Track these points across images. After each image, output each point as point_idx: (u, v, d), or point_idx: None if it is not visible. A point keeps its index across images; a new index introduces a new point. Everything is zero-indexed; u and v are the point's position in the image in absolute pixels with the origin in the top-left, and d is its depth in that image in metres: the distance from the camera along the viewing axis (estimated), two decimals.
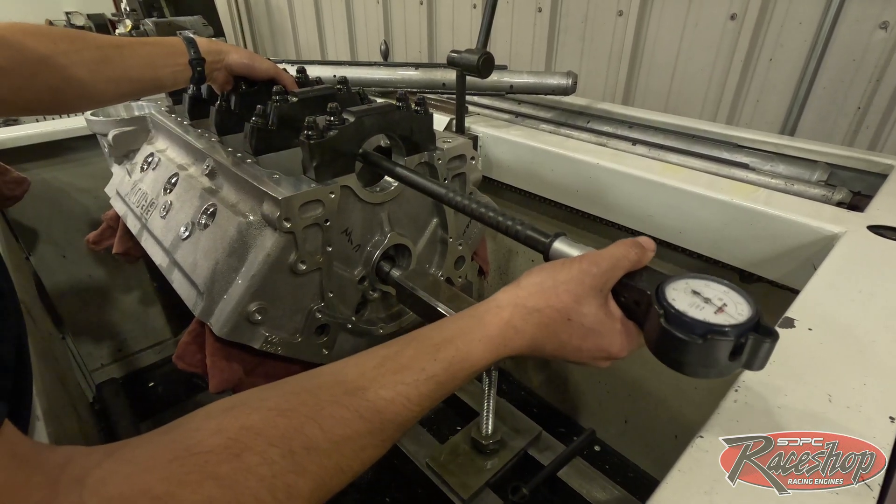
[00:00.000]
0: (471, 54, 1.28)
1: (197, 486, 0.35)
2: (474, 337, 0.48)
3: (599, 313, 0.50)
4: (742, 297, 0.46)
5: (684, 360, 0.45)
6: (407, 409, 0.44)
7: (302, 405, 0.41)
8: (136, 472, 0.34)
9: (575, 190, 1.29)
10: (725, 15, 1.72)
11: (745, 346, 0.43)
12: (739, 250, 1.03)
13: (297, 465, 0.38)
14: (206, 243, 0.83)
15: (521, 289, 0.52)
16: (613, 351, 0.52)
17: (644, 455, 1.58)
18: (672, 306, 0.45)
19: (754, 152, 1.35)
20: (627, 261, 0.51)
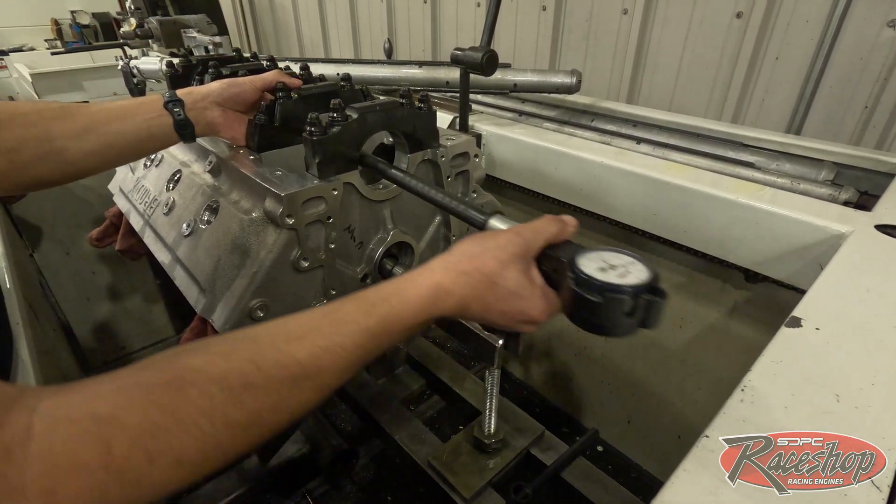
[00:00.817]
0: (474, 52, 1.27)
1: (140, 410, 0.38)
2: (407, 296, 0.53)
3: (522, 278, 0.55)
4: (644, 266, 0.52)
5: (590, 318, 0.51)
6: (342, 357, 0.47)
7: (243, 349, 0.45)
8: (84, 400, 0.38)
9: (579, 188, 1.28)
10: (731, 13, 1.71)
11: (639, 304, 0.49)
12: (745, 250, 1.03)
13: (236, 399, 0.41)
14: (208, 240, 0.83)
15: (452, 255, 0.57)
16: (534, 314, 0.56)
17: (646, 456, 1.58)
18: (582, 271, 0.51)
19: (760, 151, 1.33)
20: (548, 232, 0.58)
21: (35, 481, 0.34)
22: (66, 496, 0.35)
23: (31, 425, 0.35)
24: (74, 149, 0.73)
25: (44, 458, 0.34)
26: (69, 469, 0.35)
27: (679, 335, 1.34)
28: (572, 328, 1.48)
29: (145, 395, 0.39)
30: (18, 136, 0.69)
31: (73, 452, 0.35)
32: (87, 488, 0.35)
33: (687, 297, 1.30)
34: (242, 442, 0.43)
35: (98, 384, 0.39)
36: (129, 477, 0.37)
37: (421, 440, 0.99)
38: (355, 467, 1.58)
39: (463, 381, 1.20)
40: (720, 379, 1.28)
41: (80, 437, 0.36)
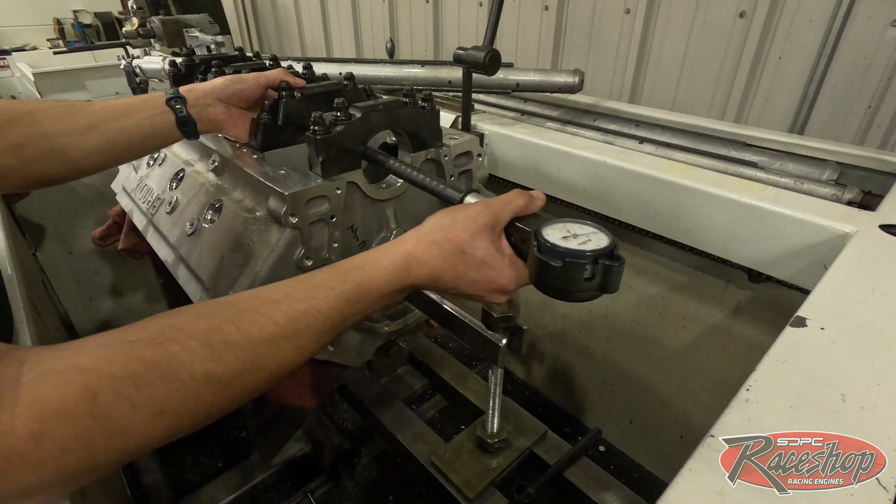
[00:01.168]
0: (477, 51, 1.27)
1: (123, 363, 0.40)
2: (380, 264, 0.55)
3: (491, 248, 0.58)
4: (605, 235, 0.55)
5: (551, 283, 0.54)
6: (318, 320, 0.50)
7: (222, 311, 0.47)
8: (69, 355, 0.40)
9: (582, 188, 1.28)
10: (734, 12, 1.71)
11: (598, 269, 0.52)
12: (748, 249, 1.02)
13: (215, 356, 0.44)
14: (211, 239, 0.83)
15: (423, 226, 0.59)
16: (503, 283, 0.59)
17: (649, 455, 1.57)
18: (545, 239, 0.54)
19: (763, 151, 1.33)
20: (516, 205, 0.60)
21: (24, 424, 0.35)
22: (54, 440, 0.36)
23: (20, 375, 0.37)
24: (78, 146, 0.73)
25: (32, 403, 0.36)
26: (57, 414, 0.36)
27: (681, 335, 1.34)
28: (573, 329, 1.47)
29: (128, 350, 0.41)
30: (23, 133, 0.69)
31: (60, 399, 0.37)
32: (73, 434, 0.37)
33: (689, 296, 1.30)
34: (224, 398, 0.45)
35: (82, 342, 0.41)
36: (114, 425, 0.39)
37: (423, 440, 0.99)
38: (357, 466, 1.58)
39: (465, 380, 1.20)
40: (723, 379, 1.27)
41: (67, 386, 0.37)
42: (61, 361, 0.39)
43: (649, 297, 1.38)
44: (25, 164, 0.70)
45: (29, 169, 0.71)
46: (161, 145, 0.84)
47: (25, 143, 0.69)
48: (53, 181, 0.75)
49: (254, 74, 0.90)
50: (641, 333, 1.44)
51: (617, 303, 1.47)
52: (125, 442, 0.40)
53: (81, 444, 0.37)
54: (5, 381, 0.36)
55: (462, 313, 0.76)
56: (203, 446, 1.66)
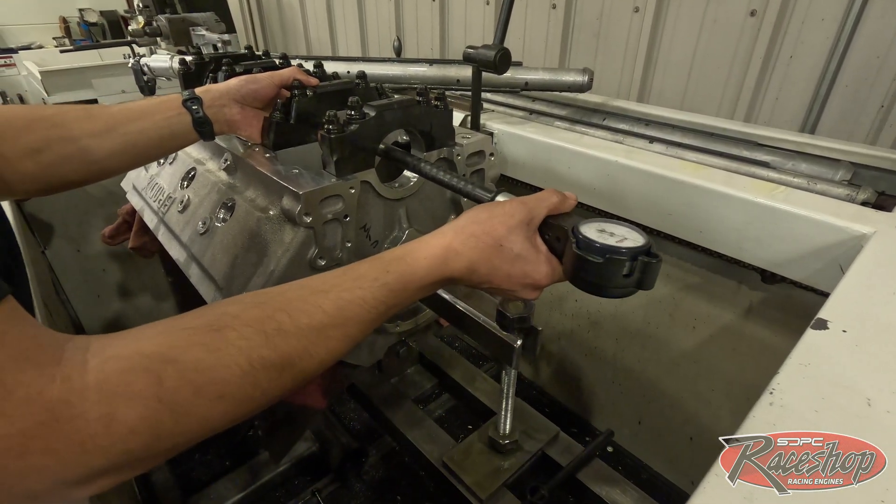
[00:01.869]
0: (488, 50, 1.26)
1: (185, 348, 0.41)
2: (420, 255, 0.57)
3: (526, 243, 0.59)
4: (640, 234, 0.57)
5: (590, 279, 0.56)
6: (364, 309, 0.51)
7: (272, 300, 0.49)
8: (131, 342, 0.41)
9: (592, 188, 1.27)
10: (745, 11, 1.69)
11: (636, 266, 0.54)
12: (762, 250, 1.01)
13: (269, 343, 0.45)
14: (224, 238, 0.83)
15: (461, 220, 0.61)
16: (537, 277, 0.60)
17: (658, 457, 1.57)
18: (584, 235, 0.56)
19: (775, 150, 1.32)
20: (550, 202, 0.62)
21: (94, 408, 0.36)
22: (124, 422, 0.37)
23: (86, 360, 0.38)
24: (98, 148, 0.74)
25: (101, 387, 0.37)
26: (125, 397, 0.37)
27: (692, 336, 1.33)
28: (582, 329, 1.46)
29: (189, 336, 0.42)
30: (42, 137, 0.70)
31: (127, 383, 0.38)
32: (143, 416, 0.38)
33: (700, 297, 1.29)
34: (277, 384, 0.46)
35: (141, 330, 0.43)
36: (179, 408, 0.40)
37: (434, 440, 0.98)
38: (365, 466, 1.57)
39: (474, 380, 1.19)
40: (734, 380, 1.27)
41: (133, 371, 0.38)
42: (123, 347, 0.40)
43: (660, 298, 1.37)
44: (45, 168, 0.70)
45: (49, 173, 0.71)
46: (178, 146, 0.84)
47: (44, 147, 0.70)
48: (73, 184, 0.76)
49: (267, 74, 0.91)
50: (651, 334, 1.44)
51: (626, 303, 1.46)
52: (188, 425, 0.41)
53: (149, 427, 0.38)
54: (73, 367, 0.37)
55: (475, 313, 0.75)
56: (211, 445, 1.66)
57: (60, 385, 0.36)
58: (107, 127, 0.75)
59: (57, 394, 0.35)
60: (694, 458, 1.44)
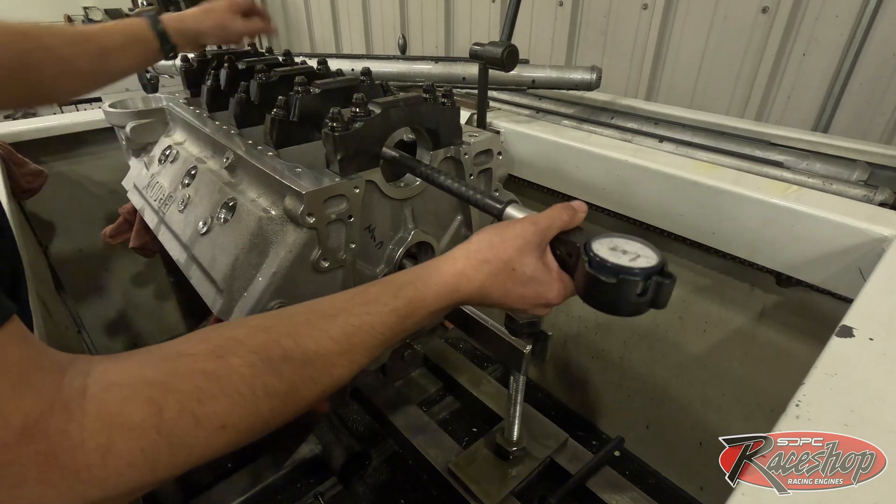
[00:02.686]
0: (495, 47, 1.24)
1: (186, 377, 0.40)
2: (431, 281, 0.56)
3: (538, 264, 0.58)
4: (653, 252, 0.55)
5: (603, 298, 0.55)
6: (371, 336, 0.50)
7: (279, 324, 0.48)
8: (133, 367, 0.40)
9: (601, 188, 1.24)
10: (756, 8, 1.66)
11: (650, 286, 0.52)
12: (777, 252, 0.99)
13: (274, 370, 0.44)
14: (225, 239, 0.80)
15: (472, 244, 0.60)
16: (550, 297, 0.59)
17: (666, 462, 1.54)
18: (596, 254, 0.54)
19: (788, 150, 1.29)
20: (561, 220, 0.61)
21: (92, 437, 0.35)
22: (120, 453, 0.36)
23: (86, 387, 0.37)
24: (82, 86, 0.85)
25: (100, 416, 0.36)
26: (123, 428, 0.36)
27: (702, 339, 1.30)
28: (589, 331, 1.43)
29: (191, 363, 0.41)
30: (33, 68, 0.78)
31: (127, 413, 0.37)
32: (139, 447, 0.37)
33: (711, 300, 1.26)
34: (280, 412, 0.45)
35: (145, 353, 0.42)
36: (178, 440, 0.39)
37: (439, 446, 0.96)
38: (367, 469, 1.55)
39: (479, 383, 1.17)
40: (745, 385, 1.24)
41: (133, 399, 0.37)
42: (125, 374, 0.39)
43: (669, 300, 1.34)
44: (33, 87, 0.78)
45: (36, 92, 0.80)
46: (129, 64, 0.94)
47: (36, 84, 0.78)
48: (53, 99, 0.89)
49: None
50: (660, 337, 1.41)
51: None
52: (187, 456, 0.40)
53: (146, 459, 0.37)
54: (73, 394, 0.36)
55: (484, 318, 0.73)
56: None
57: (59, 414, 0.35)
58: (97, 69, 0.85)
59: (55, 423, 0.34)
60: (703, 464, 1.41)
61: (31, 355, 0.37)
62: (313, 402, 0.48)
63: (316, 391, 0.48)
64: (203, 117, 1.04)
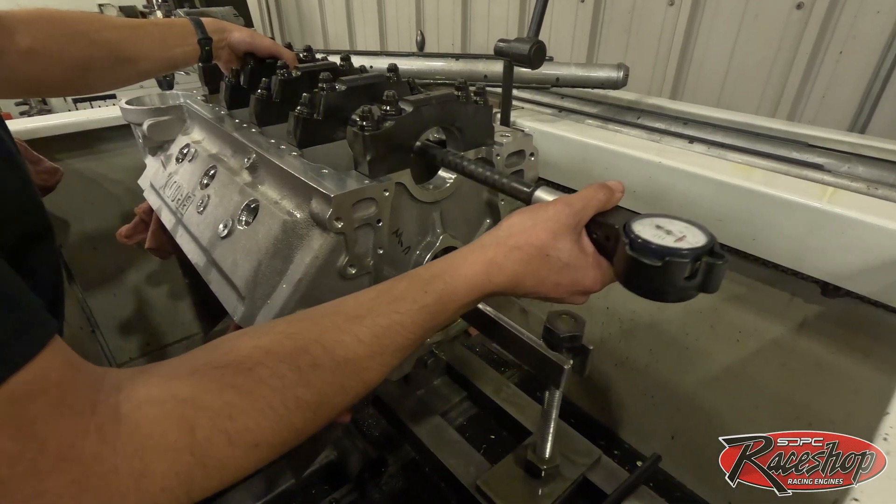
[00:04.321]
0: (521, 43, 1.19)
1: (217, 392, 0.38)
2: (460, 273, 0.52)
3: (574, 249, 0.54)
4: (700, 230, 0.51)
5: (647, 283, 0.50)
6: (402, 335, 0.48)
7: (307, 330, 0.45)
8: (164, 381, 0.38)
9: (632, 191, 1.19)
10: (791, 4, 1.60)
11: (699, 268, 0.48)
12: (824, 261, 0.93)
13: (304, 380, 0.42)
14: (247, 243, 0.77)
15: (503, 230, 0.56)
16: (587, 283, 0.56)
17: (692, 475, 1.48)
18: (638, 236, 0.49)
19: (828, 152, 1.23)
20: (597, 200, 0.56)
21: (126, 462, 0.34)
22: (154, 479, 0.35)
23: (119, 405, 0.35)
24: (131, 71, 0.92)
25: (133, 439, 0.35)
26: (157, 451, 0.35)
27: (736, 349, 1.25)
28: (613, 338, 1.37)
29: (220, 377, 0.40)
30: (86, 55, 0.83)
31: (160, 434, 0.35)
32: (174, 471, 0.35)
33: (747, 308, 1.20)
34: (312, 423, 0.43)
35: (173, 367, 0.40)
36: (212, 461, 0.37)
37: (466, 460, 0.92)
38: (384, 476, 1.51)
39: (501, 391, 1.13)
40: (782, 398, 1.18)
41: (166, 419, 0.36)
42: (156, 389, 0.37)
43: (700, 308, 1.29)
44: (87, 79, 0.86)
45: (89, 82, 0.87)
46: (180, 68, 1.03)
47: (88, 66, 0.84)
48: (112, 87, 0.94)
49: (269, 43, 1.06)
50: (689, 345, 1.35)
51: (663, 312, 1.38)
52: (221, 476, 0.38)
53: (181, 482, 0.36)
54: (107, 415, 0.34)
55: (520, 330, 0.69)
56: None
57: (94, 437, 0.33)
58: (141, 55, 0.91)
59: (90, 448, 0.33)
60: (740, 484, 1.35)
61: (70, 376, 0.35)
62: (344, 410, 0.46)
63: (347, 398, 0.46)
64: (222, 115, 1.01)
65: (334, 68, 0.97)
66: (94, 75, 0.86)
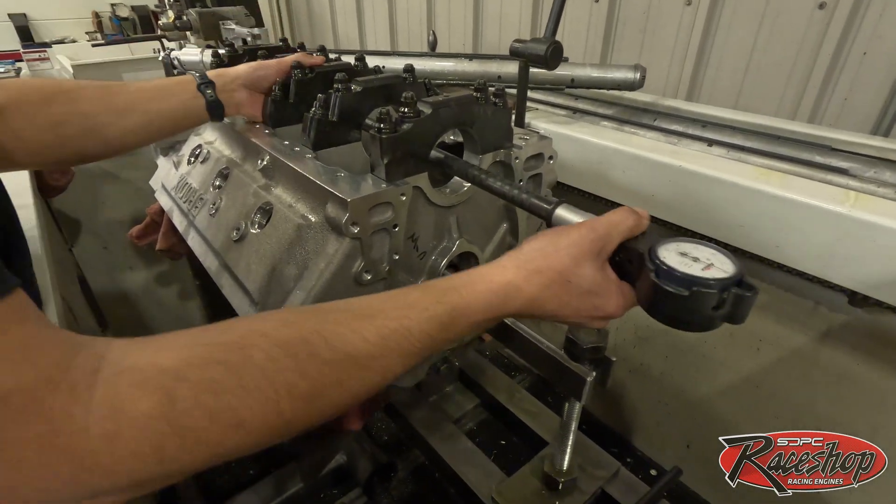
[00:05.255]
0: (538, 44, 1.17)
1: (203, 367, 0.38)
2: (477, 289, 0.51)
3: (597, 276, 0.53)
4: (728, 258, 0.50)
5: (672, 312, 0.49)
6: (409, 342, 0.46)
7: (308, 321, 0.44)
8: (150, 352, 0.38)
9: (650, 194, 1.17)
10: (813, 4, 1.56)
11: (727, 299, 0.47)
12: (853, 269, 0.90)
13: (299, 368, 0.41)
14: (260, 247, 0.75)
15: (524, 252, 0.55)
16: (609, 310, 0.54)
17: (708, 485, 1.45)
18: (663, 263, 0.48)
19: (853, 156, 1.19)
20: (625, 226, 0.54)
21: (98, 423, 0.34)
22: (127, 443, 0.34)
23: (98, 369, 0.35)
24: (115, 126, 0.77)
25: (109, 401, 0.34)
26: (132, 416, 0.35)
27: (755, 358, 1.22)
28: (628, 344, 1.34)
29: (209, 353, 0.39)
30: (64, 111, 0.72)
31: (137, 400, 0.35)
32: (146, 437, 0.35)
33: (767, 316, 1.17)
34: (303, 415, 0.42)
35: (164, 339, 0.40)
36: (189, 434, 0.36)
37: (481, 470, 0.90)
38: (393, 480, 1.50)
39: (513, 397, 1.10)
40: (804, 409, 1.15)
41: (145, 386, 0.36)
42: (142, 358, 0.37)
43: None
44: (64, 142, 0.72)
45: (67, 146, 0.73)
46: (190, 126, 0.90)
47: (65, 121, 0.72)
48: (87, 159, 0.79)
49: (275, 61, 0.95)
50: (707, 353, 1.32)
51: None
52: (197, 451, 0.37)
53: (153, 449, 0.35)
54: (82, 376, 0.34)
55: (540, 339, 0.67)
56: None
57: (64, 394, 0.33)
58: (126, 106, 0.77)
59: (59, 403, 0.33)
60: (752, 490, 1.32)
61: (33, 332, 0.35)
62: (341, 408, 0.45)
63: (344, 396, 0.44)
64: None
65: (349, 69, 0.95)
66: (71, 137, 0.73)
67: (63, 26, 4.92)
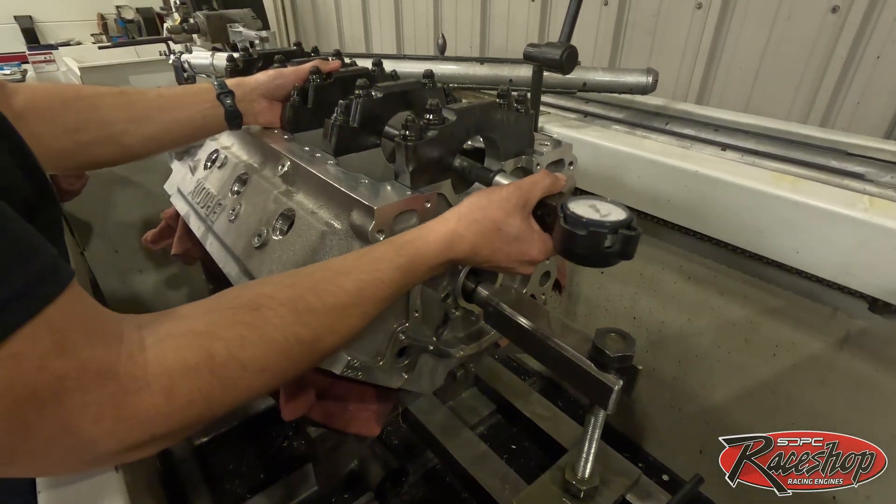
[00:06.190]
0: (552, 48, 1.17)
1: (230, 326, 0.46)
2: (428, 239, 0.61)
3: (522, 225, 0.65)
4: (623, 210, 0.61)
5: (576, 251, 0.61)
6: (381, 290, 0.57)
7: (302, 282, 0.54)
8: (181, 321, 0.46)
9: (665, 199, 1.16)
10: (826, 7, 1.55)
11: (618, 238, 0.59)
12: (874, 275, 0.90)
13: (301, 321, 0.51)
14: (283, 254, 0.75)
15: (463, 206, 0.65)
16: (533, 254, 0.67)
17: (722, 492, 1.45)
18: (571, 211, 0.61)
19: (867, 160, 1.19)
20: (543, 184, 0.68)
21: (156, 380, 0.41)
22: (182, 394, 0.42)
23: (143, 338, 0.42)
24: (133, 133, 0.78)
25: (160, 362, 0.41)
26: (182, 372, 0.42)
27: (771, 364, 1.21)
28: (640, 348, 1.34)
29: (231, 315, 0.47)
30: (82, 118, 0.73)
31: (183, 359, 0.43)
32: (198, 388, 0.43)
33: (783, 322, 1.17)
34: (308, 357, 0.53)
35: (187, 310, 0.47)
36: (229, 381, 0.45)
37: (500, 477, 0.89)
38: (404, 485, 1.49)
39: (529, 403, 1.10)
40: (821, 416, 1.14)
41: (187, 347, 0.43)
42: (175, 327, 0.44)
43: (734, 320, 1.25)
44: (81, 148, 0.74)
45: (84, 152, 0.75)
46: (209, 135, 0.93)
47: (82, 128, 0.73)
48: (104, 164, 0.81)
49: (292, 69, 0.94)
50: (721, 359, 1.32)
51: (693, 324, 1.35)
52: (236, 395, 0.46)
53: (203, 397, 0.43)
54: (134, 345, 0.41)
55: (565, 348, 0.66)
56: (245, 457, 1.61)
57: (126, 361, 0.40)
58: (143, 114, 0.78)
59: (124, 369, 0.40)
60: (767, 497, 1.31)
61: (94, 312, 0.41)
62: (335, 350, 0.56)
63: (336, 339, 0.54)
64: None
65: (367, 74, 0.95)
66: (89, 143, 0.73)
67: (68, 28, 4.93)
